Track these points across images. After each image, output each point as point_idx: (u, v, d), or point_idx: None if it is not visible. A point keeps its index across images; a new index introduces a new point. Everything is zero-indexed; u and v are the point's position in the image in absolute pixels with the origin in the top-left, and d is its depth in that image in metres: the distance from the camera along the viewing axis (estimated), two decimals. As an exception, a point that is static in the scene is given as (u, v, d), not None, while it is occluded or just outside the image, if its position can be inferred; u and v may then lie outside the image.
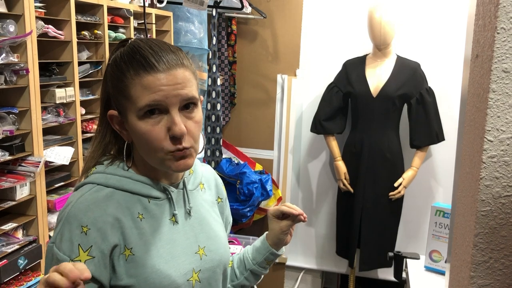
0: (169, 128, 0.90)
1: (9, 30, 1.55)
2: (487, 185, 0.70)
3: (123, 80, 0.91)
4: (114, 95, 0.95)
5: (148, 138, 0.91)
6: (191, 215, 1.04)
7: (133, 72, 0.90)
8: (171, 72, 0.90)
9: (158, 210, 0.99)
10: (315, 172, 3.25)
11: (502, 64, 0.67)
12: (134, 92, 0.90)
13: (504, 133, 0.68)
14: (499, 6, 0.66)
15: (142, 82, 0.89)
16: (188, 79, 0.93)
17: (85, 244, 0.90)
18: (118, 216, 0.93)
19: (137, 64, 0.90)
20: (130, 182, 0.97)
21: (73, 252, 0.89)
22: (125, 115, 0.94)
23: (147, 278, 0.93)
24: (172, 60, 0.91)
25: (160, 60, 0.90)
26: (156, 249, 0.95)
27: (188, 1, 2.44)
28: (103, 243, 0.91)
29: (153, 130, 0.90)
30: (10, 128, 1.58)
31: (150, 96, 0.89)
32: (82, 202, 0.93)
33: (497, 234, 0.71)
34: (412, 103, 2.74)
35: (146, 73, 0.89)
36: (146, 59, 0.90)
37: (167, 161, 0.93)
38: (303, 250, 3.36)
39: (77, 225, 0.90)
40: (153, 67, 0.89)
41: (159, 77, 0.89)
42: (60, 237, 0.90)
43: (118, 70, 0.93)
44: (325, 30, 3.07)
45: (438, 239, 1.85)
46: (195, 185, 1.09)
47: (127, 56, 0.92)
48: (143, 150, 0.95)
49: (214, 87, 2.90)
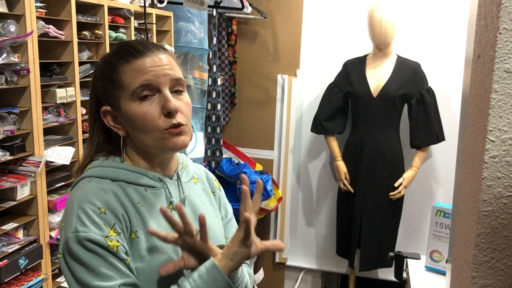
0: (163, 106, 0.97)
1: (10, 30, 1.55)
2: (489, 185, 0.70)
3: (114, 71, 0.98)
4: (106, 90, 1.00)
5: (144, 119, 0.96)
6: (185, 204, 1.07)
7: (123, 61, 0.98)
8: (158, 55, 0.99)
9: (155, 198, 1.02)
10: (315, 172, 3.25)
11: (504, 64, 0.67)
12: (126, 77, 0.97)
13: (506, 133, 0.68)
14: (501, 6, 0.66)
15: (132, 67, 0.97)
16: (173, 63, 1.01)
17: (108, 222, 0.93)
18: (122, 202, 0.97)
19: (126, 53, 0.99)
20: (126, 173, 1.01)
21: (103, 229, 0.91)
22: (118, 105, 0.99)
23: (151, 260, 0.96)
24: (156, 45, 1.02)
25: (146, 46, 1.00)
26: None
27: (189, 1, 2.44)
28: (120, 223, 0.94)
29: (147, 111, 0.96)
30: (11, 128, 1.58)
31: (141, 77, 0.96)
32: (88, 191, 0.96)
33: (499, 234, 0.71)
34: (412, 103, 2.74)
35: (135, 58, 0.97)
36: (133, 47, 0.99)
37: (165, 140, 0.98)
38: (303, 250, 3.36)
39: (93, 208, 0.92)
40: (140, 52, 0.98)
41: (147, 60, 0.97)
42: (81, 223, 0.91)
43: (108, 64, 1.00)
44: (325, 30, 3.07)
45: (439, 239, 1.85)
46: (189, 178, 1.13)
47: (115, 51, 1.01)
48: (141, 134, 0.99)
49: (215, 87, 2.90)
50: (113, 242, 0.91)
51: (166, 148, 0.99)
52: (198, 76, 2.87)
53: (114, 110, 1.00)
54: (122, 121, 1.00)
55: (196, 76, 2.86)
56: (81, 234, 0.90)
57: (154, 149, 1.01)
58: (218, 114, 2.94)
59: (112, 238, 0.91)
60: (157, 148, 1.00)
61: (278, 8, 3.14)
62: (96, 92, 1.03)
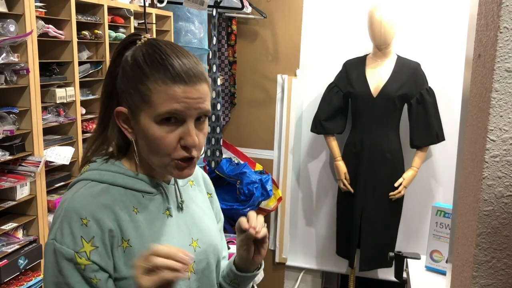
0: (182, 137, 0.92)
1: (10, 30, 1.55)
2: (489, 185, 0.70)
3: (145, 83, 0.91)
4: (129, 93, 0.94)
5: (161, 143, 0.92)
6: (183, 209, 1.06)
7: (160, 80, 0.90)
8: (197, 87, 0.91)
9: (152, 204, 1.01)
10: (315, 172, 3.25)
11: (505, 63, 0.67)
12: (157, 98, 0.90)
13: (507, 133, 0.68)
14: (502, 5, 0.66)
15: (168, 91, 0.89)
16: (208, 93, 0.95)
17: (87, 235, 0.91)
18: (114, 209, 0.95)
19: (165, 72, 0.90)
20: (124, 178, 0.99)
21: (77, 244, 0.90)
22: (137, 115, 0.94)
23: None
24: (198, 73, 0.92)
25: (189, 72, 0.91)
26: (153, 241, 0.97)
27: (189, 1, 2.44)
28: (103, 234, 0.92)
29: (166, 137, 0.92)
30: (11, 128, 1.57)
31: (173, 105, 0.89)
32: (78, 197, 0.94)
33: (499, 233, 0.70)
34: (412, 103, 2.74)
35: (174, 84, 0.89)
36: (175, 69, 0.90)
37: (171, 168, 0.95)
38: (303, 250, 3.36)
39: (76, 218, 0.91)
40: (182, 80, 0.90)
41: (186, 90, 0.90)
42: (61, 232, 0.91)
43: (141, 71, 0.92)
44: (325, 30, 3.06)
45: (439, 239, 1.85)
46: (185, 182, 1.12)
47: (152, 60, 0.92)
48: (149, 152, 0.95)
49: (214, 87, 2.90)
50: (82, 259, 0.89)
51: (171, 175, 0.98)
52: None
53: (131, 115, 0.95)
54: (136, 130, 0.96)
55: (196, 76, 2.86)
56: (56, 244, 0.90)
57: (157, 169, 0.99)
58: (218, 114, 2.94)
59: (83, 255, 0.89)
60: (161, 170, 0.98)
61: (278, 8, 3.14)
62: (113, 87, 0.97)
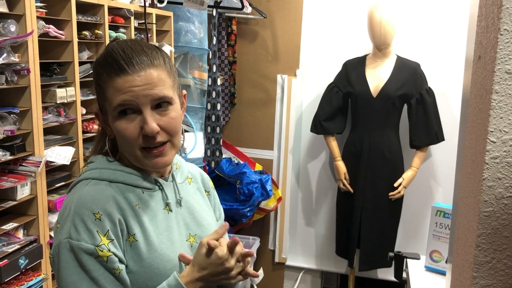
0: (141, 126, 0.95)
1: (10, 30, 1.55)
2: (489, 186, 0.70)
3: (99, 83, 0.98)
4: (97, 95, 1.02)
5: (124, 135, 0.96)
6: (181, 205, 1.08)
7: (107, 76, 0.96)
8: (141, 73, 0.94)
9: (152, 200, 1.03)
10: (315, 172, 3.25)
11: (505, 65, 0.67)
12: (109, 93, 0.96)
13: (507, 134, 0.68)
14: (502, 8, 0.66)
15: (114, 85, 0.95)
16: (159, 78, 0.96)
17: (102, 229, 0.92)
18: (120, 205, 0.97)
19: (110, 67, 0.95)
20: (123, 175, 1.01)
21: (95, 238, 0.91)
22: (106, 113, 1.00)
23: (151, 263, 0.96)
24: (142, 61, 0.95)
25: (130, 63, 0.94)
26: (156, 235, 0.99)
27: (189, 1, 2.44)
28: (115, 227, 0.94)
29: (127, 129, 0.95)
30: (11, 128, 1.57)
31: (120, 97, 0.94)
32: (86, 194, 0.96)
33: (499, 234, 0.71)
34: (412, 103, 2.74)
35: (117, 76, 0.94)
36: (117, 62, 0.95)
37: (144, 159, 0.98)
38: (302, 250, 3.36)
39: (88, 214, 0.92)
40: (123, 70, 0.94)
41: (129, 79, 0.94)
42: (75, 229, 0.91)
43: (97, 73, 0.99)
44: (325, 30, 3.07)
45: (439, 239, 1.85)
46: (183, 179, 1.13)
47: (102, 60, 0.98)
48: (122, 147, 1.00)
49: (214, 87, 2.90)
50: (104, 252, 0.91)
51: (147, 167, 1.00)
52: (197, 76, 2.87)
53: (104, 115, 1.02)
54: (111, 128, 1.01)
55: (196, 76, 2.86)
56: (73, 241, 0.91)
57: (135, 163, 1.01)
58: (218, 114, 2.94)
59: (104, 248, 0.91)
60: (137, 163, 1.01)
61: (278, 8, 3.14)
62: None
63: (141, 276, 0.96)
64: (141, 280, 0.96)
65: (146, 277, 0.96)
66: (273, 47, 3.21)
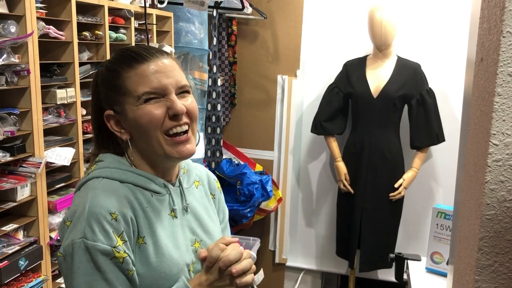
0: (169, 107, 0.96)
1: (10, 31, 1.55)
2: (492, 189, 0.70)
3: (117, 77, 0.97)
4: (109, 96, 0.99)
5: (150, 118, 0.96)
6: (187, 211, 1.07)
7: (126, 67, 0.97)
8: (162, 60, 0.98)
9: (160, 204, 1.02)
10: (315, 172, 3.25)
11: (508, 68, 0.67)
12: (131, 84, 0.96)
13: (510, 137, 0.68)
14: (505, 10, 0.66)
15: (136, 72, 0.96)
16: (177, 68, 1.01)
17: (117, 230, 0.92)
18: (133, 205, 0.96)
19: (128, 58, 0.98)
20: (134, 176, 1.00)
21: (112, 239, 0.90)
22: (123, 110, 0.98)
23: (159, 266, 0.96)
24: (159, 50, 1.01)
25: (148, 52, 0.99)
26: (163, 239, 0.98)
27: (189, 1, 2.44)
28: (128, 228, 0.94)
29: (152, 111, 0.96)
30: (11, 129, 1.57)
31: (146, 83, 0.95)
32: (101, 193, 0.94)
33: (502, 238, 0.70)
34: (412, 104, 2.74)
35: (138, 63, 0.97)
36: (136, 52, 0.98)
37: (169, 147, 0.97)
38: (303, 251, 3.36)
39: (105, 213, 0.91)
40: (144, 57, 0.97)
41: (151, 64, 0.97)
42: (91, 229, 0.90)
43: (111, 71, 0.99)
44: (325, 31, 3.06)
45: (440, 240, 1.85)
46: (190, 183, 1.12)
47: (118, 57, 1.00)
48: (145, 137, 0.98)
49: (215, 87, 2.89)
50: (120, 253, 0.90)
51: (172, 156, 0.99)
52: (198, 76, 2.87)
53: (118, 115, 0.99)
54: (127, 125, 1.00)
55: (196, 77, 2.86)
56: (89, 242, 0.89)
57: (159, 156, 1.00)
58: (218, 115, 2.94)
59: (120, 249, 0.90)
60: (162, 155, 0.99)
61: (278, 9, 3.14)
62: (97, 97, 1.02)
63: (147, 279, 0.95)
64: (147, 283, 0.95)
65: (152, 280, 0.95)
66: (273, 47, 3.20)
